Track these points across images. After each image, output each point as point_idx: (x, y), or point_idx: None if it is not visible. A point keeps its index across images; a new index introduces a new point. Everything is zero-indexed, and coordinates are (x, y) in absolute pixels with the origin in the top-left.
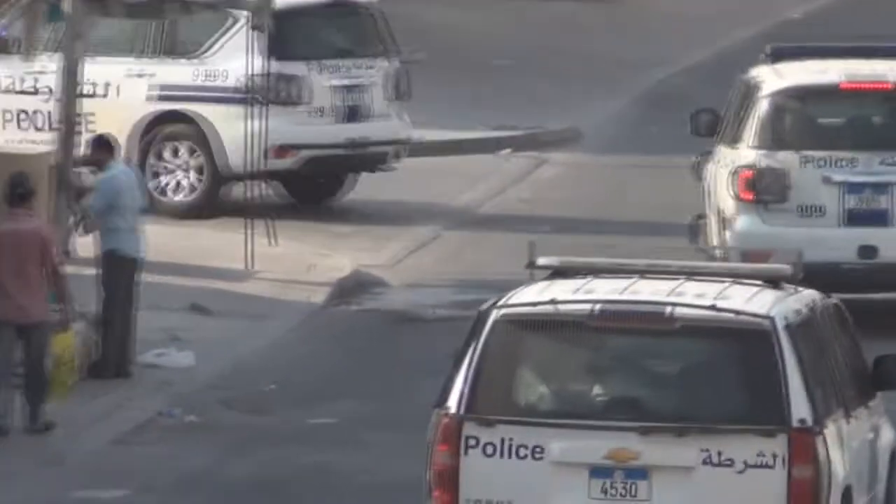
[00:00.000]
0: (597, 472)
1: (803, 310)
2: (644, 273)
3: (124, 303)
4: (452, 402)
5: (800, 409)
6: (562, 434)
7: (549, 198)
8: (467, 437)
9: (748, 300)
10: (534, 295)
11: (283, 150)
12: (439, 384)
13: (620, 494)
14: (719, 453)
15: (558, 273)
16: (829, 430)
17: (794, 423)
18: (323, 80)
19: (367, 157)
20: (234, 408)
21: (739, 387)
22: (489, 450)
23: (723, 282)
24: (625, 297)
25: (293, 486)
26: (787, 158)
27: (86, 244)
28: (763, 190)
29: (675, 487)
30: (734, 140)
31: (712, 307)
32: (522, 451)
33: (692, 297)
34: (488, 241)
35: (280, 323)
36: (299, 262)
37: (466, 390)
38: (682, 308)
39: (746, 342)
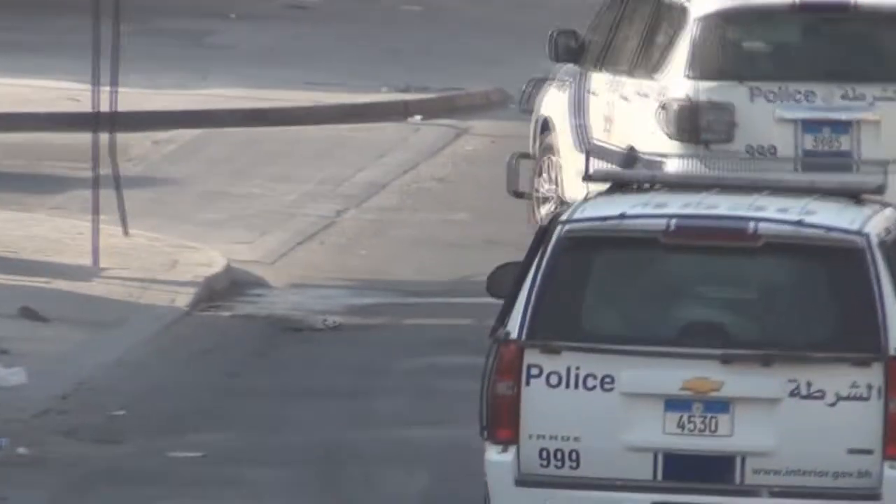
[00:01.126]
0: (673, 404)
1: (893, 228)
2: (716, 186)
3: None
4: (512, 328)
5: None
6: (634, 362)
7: (468, 176)
8: (529, 367)
9: (837, 215)
10: (600, 209)
11: None
12: (332, 407)
13: (699, 429)
14: (808, 384)
15: (619, 186)
16: None
17: (892, 352)
18: None
19: None
20: (75, 437)
21: (830, 311)
22: (553, 380)
23: (803, 196)
24: (702, 211)
25: None
26: (732, 91)
27: None
28: (705, 128)
29: (759, 421)
30: (652, 68)
31: (799, 222)
32: (590, 382)
33: (775, 211)
34: (394, 230)
35: (133, 332)
36: (158, 256)
37: (528, 315)
38: (767, 223)
39: (839, 261)
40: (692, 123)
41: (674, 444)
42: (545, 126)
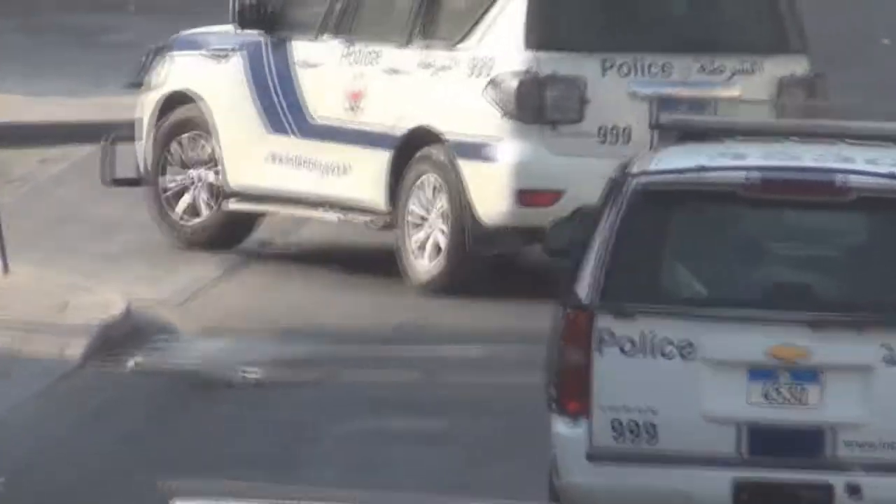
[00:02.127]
0: (757, 373)
1: None
2: (794, 135)
3: None
4: (582, 290)
5: None
6: (716, 327)
7: None
8: (601, 333)
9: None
10: (677, 160)
11: None
12: (251, 480)
13: (786, 400)
14: None
15: (690, 136)
16: None
17: None
18: None
19: None
20: None
21: None
22: (627, 347)
23: (888, 147)
24: (787, 162)
25: None
26: (582, 63)
27: None
28: (552, 106)
29: (851, 392)
30: (453, 35)
31: (892, 175)
32: (668, 349)
33: (864, 163)
34: (325, 267)
35: (16, 388)
36: (45, 298)
37: (600, 276)
38: (857, 176)
39: None
40: (537, 101)
41: (759, 415)
42: (177, 101)
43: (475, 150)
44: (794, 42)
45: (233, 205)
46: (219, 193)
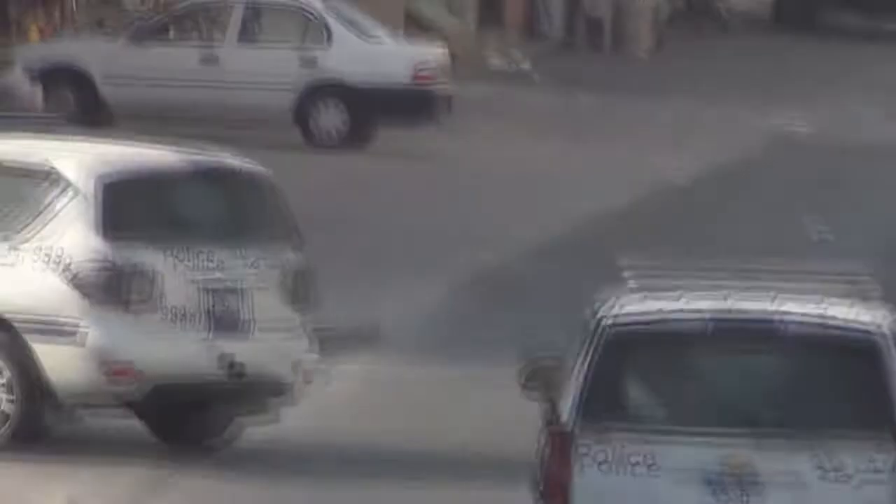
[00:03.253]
0: (709, 480)
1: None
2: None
3: None
4: (564, 416)
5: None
6: (674, 441)
7: (337, 425)
8: (580, 449)
9: (850, 313)
10: (641, 306)
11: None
12: None
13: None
14: (832, 463)
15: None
16: None
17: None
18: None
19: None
20: None
21: (850, 397)
22: (602, 462)
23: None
24: (734, 310)
25: None
26: (145, 250)
27: None
28: (126, 289)
29: (788, 497)
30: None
31: (821, 319)
32: (635, 461)
33: (797, 311)
34: (248, 484)
35: None
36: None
37: (580, 403)
38: (793, 324)
39: (856, 355)
40: (116, 288)
41: None
42: None
43: (52, 331)
44: (291, 236)
45: None
46: None
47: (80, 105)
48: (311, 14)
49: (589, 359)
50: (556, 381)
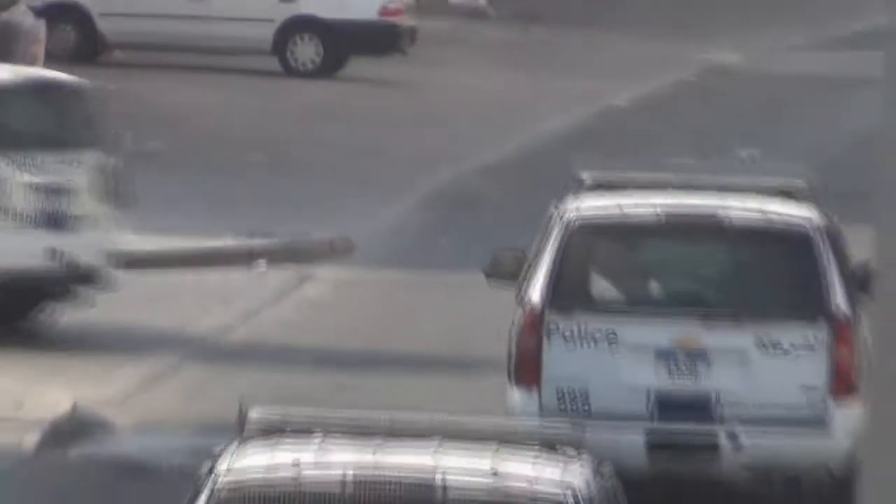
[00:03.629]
0: (662, 354)
1: (827, 220)
2: (684, 188)
3: None
4: (535, 296)
5: (838, 299)
6: (632, 322)
7: (314, 322)
8: (549, 325)
9: (787, 208)
10: (599, 203)
11: None
12: None
13: (684, 373)
14: (771, 339)
15: (600, 186)
16: (860, 317)
17: (835, 312)
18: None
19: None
20: None
21: (786, 282)
22: (568, 336)
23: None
24: (682, 204)
25: None
26: None
27: None
28: None
29: (731, 367)
30: None
31: (761, 212)
32: (597, 336)
33: (737, 204)
34: (239, 375)
35: None
36: (2, 396)
37: (549, 286)
38: (735, 212)
39: (792, 244)
40: None
41: (664, 385)
42: None
43: None
44: (107, 142)
45: None
46: None
47: (79, 38)
48: None
49: (556, 249)
50: (519, 270)
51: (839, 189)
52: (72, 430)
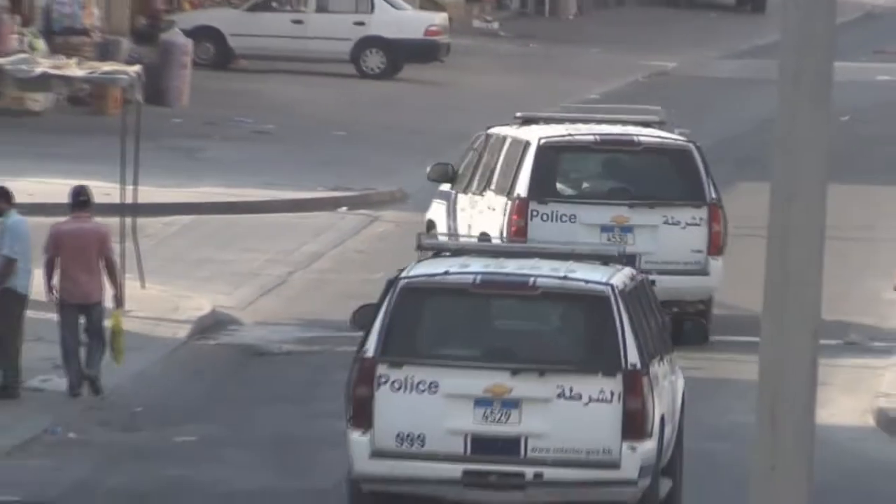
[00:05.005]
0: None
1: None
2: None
3: (15, 333)
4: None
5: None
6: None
7: (380, 249)
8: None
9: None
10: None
11: None
12: (285, 411)
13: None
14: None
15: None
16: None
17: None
18: None
19: None
20: (109, 426)
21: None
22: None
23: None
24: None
25: (160, 496)
26: None
27: None
28: None
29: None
30: None
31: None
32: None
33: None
34: (329, 286)
35: (149, 355)
36: (165, 302)
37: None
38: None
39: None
40: None
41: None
42: None
43: None
44: None
45: None
46: None
47: (215, 51)
48: None
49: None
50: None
51: (743, 156)
52: (211, 325)
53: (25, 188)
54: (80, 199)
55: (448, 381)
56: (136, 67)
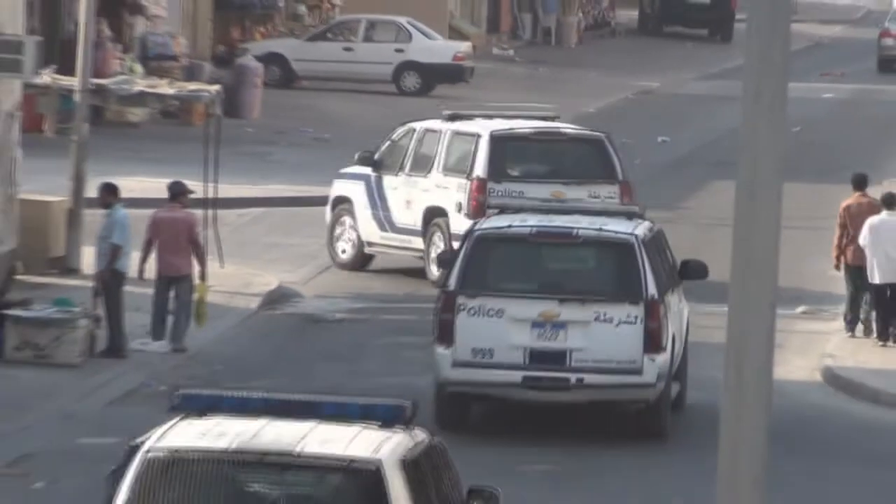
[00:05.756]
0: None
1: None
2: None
3: (119, 305)
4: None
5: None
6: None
7: None
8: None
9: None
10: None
11: None
12: (337, 368)
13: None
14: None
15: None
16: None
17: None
18: None
19: None
20: (194, 380)
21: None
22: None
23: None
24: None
25: None
26: None
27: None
28: None
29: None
30: None
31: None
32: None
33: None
34: (373, 266)
35: (226, 322)
36: (240, 279)
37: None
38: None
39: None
40: None
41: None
42: None
43: None
44: None
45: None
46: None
47: (281, 73)
48: (402, 27)
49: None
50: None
51: (714, 159)
52: (277, 298)
53: (127, 185)
54: (175, 192)
55: (511, 309)
56: (216, 87)
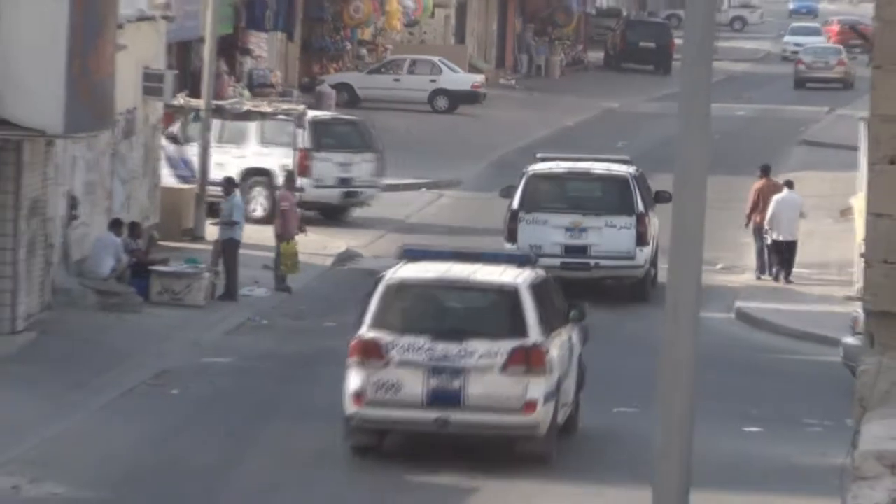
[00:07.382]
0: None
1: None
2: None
3: (235, 262)
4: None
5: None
6: (554, 217)
7: (444, 213)
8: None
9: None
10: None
11: None
12: None
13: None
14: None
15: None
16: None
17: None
18: None
19: None
20: (287, 317)
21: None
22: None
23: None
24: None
25: (319, 357)
26: None
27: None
28: None
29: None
30: None
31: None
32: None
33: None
34: (415, 234)
35: (309, 274)
36: (319, 243)
37: (520, 200)
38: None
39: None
40: None
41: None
42: None
43: None
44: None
45: None
46: None
47: (349, 97)
48: (435, 64)
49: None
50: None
51: (658, 158)
52: (346, 258)
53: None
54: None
55: (552, 219)
56: (302, 107)
